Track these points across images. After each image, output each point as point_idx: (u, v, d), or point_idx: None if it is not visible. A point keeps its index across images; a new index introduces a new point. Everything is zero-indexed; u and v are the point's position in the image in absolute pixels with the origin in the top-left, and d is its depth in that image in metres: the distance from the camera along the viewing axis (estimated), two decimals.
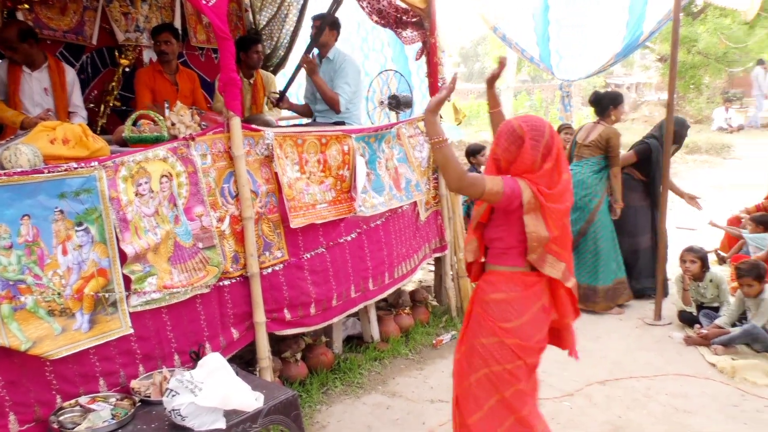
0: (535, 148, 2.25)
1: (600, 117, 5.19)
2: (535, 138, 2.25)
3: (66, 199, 2.53)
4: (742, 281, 4.34)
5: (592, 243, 5.10)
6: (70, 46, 4.90)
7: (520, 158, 2.27)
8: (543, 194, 2.24)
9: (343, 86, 4.54)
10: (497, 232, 2.37)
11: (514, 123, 2.30)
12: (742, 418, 3.45)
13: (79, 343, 2.55)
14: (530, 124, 2.28)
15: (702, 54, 17.30)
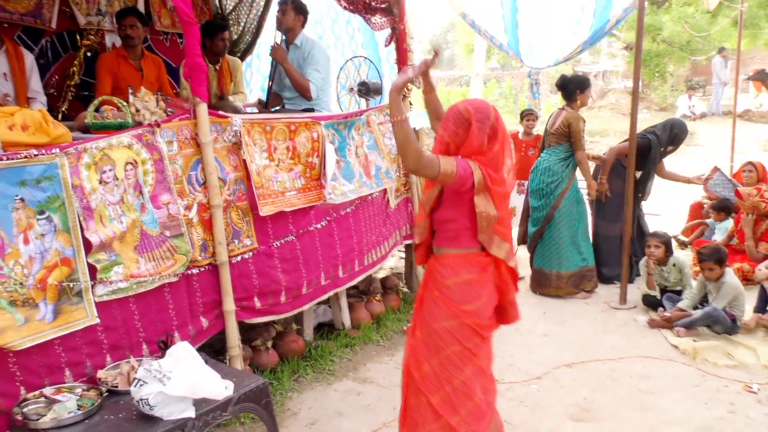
0: (481, 130, 2.31)
1: (567, 102, 5.23)
2: (481, 120, 2.31)
3: (27, 187, 2.46)
4: (704, 265, 4.46)
5: (556, 230, 5.17)
6: (28, 29, 4.74)
7: (468, 140, 2.33)
8: (490, 177, 2.32)
9: (313, 73, 4.47)
10: (449, 214, 2.42)
11: (461, 106, 2.36)
12: (703, 398, 3.56)
13: (43, 334, 2.49)
14: (475, 106, 2.35)
15: (666, 42, 17.62)
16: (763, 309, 4.51)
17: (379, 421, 3.34)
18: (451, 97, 19.83)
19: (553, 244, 5.19)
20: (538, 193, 5.25)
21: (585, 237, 5.27)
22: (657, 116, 16.58)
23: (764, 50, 18.66)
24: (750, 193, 5.39)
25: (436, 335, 2.41)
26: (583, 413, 3.41)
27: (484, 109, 2.35)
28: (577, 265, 5.19)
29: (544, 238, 5.22)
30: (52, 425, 2.25)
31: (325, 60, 4.60)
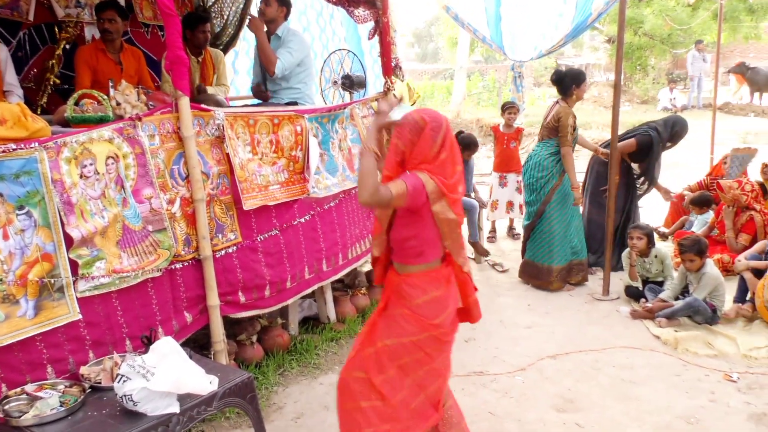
0: (433, 138, 2.35)
1: (562, 96, 5.16)
2: (434, 128, 2.36)
3: (5, 182, 2.42)
4: (685, 257, 4.51)
5: (548, 224, 5.16)
6: (5, 22, 4.66)
7: (419, 146, 2.36)
8: (443, 184, 2.35)
9: (285, 54, 4.38)
10: (408, 232, 2.43)
11: (416, 115, 2.40)
12: (684, 387, 3.61)
13: (24, 330, 2.47)
14: (430, 115, 2.40)
15: (648, 35, 17.75)
16: (743, 299, 4.59)
17: None
18: (435, 90, 19.83)
19: (545, 238, 5.19)
20: (530, 188, 5.27)
21: (578, 231, 5.27)
22: (639, 109, 16.74)
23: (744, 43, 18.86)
24: (731, 186, 5.46)
25: (402, 348, 2.44)
26: (567, 404, 3.45)
27: (438, 118, 2.40)
28: (567, 259, 5.21)
29: (535, 232, 5.24)
30: (35, 422, 2.23)
31: (303, 48, 4.51)
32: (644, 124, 5.77)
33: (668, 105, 16.36)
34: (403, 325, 2.44)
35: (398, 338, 2.44)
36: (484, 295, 5.16)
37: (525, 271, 5.42)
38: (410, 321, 2.43)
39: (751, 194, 5.40)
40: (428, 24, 32.62)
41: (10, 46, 4.64)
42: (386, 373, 2.44)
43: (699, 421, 3.25)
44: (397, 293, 2.50)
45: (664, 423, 3.24)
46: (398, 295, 2.49)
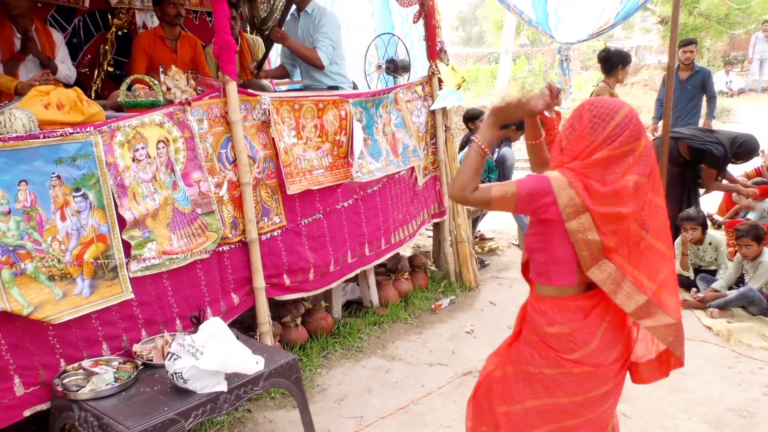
0: (593, 128, 1.83)
1: (606, 75, 5.11)
2: (597, 116, 1.83)
3: (63, 165, 2.51)
4: (741, 242, 4.35)
5: None
6: (62, 10, 4.80)
7: (575, 137, 1.88)
8: (591, 191, 1.80)
9: (323, 40, 4.30)
10: (536, 242, 1.96)
11: (585, 101, 1.95)
12: (737, 380, 3.50)
13: (81, 308, 2.56)
14: (600, 101, 1.88)
15: (703, 16, 17.05)
16: None
17: (407, 398, 3.37)
18: (479, 74, 19.59)
19: None
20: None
21: None
22: None
23: None
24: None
25: (534, 379, 1.99)
26: None
27: (606, 107, 1.84)
28: None
29: None
30: (91, 396, 2.32)
31: (336, 27, 4.43)
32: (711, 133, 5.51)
33: (724, 89, 15.71)
34: (531, 353, 2.00)
35: (527, 366, 2.00)
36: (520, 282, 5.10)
37: None
38: (539, 351, 1.97)
39: None
40: (473, 7, 32.15)
41: (65, 32, 4.79)
42: (510, 405, 2.04)
43: (752, 415, 3.16)
44: (527, 315, 2.07)
45: (714, 415, 3.16)
46: (528, 317, 2.06)
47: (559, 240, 1.86)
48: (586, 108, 1.87)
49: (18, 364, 2.45)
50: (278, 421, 3.16)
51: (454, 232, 5.02)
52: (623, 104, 1.86)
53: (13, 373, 2.44)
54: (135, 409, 2.25)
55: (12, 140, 2.38)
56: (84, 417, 2.29)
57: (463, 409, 3.22)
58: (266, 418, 3.18)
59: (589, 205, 1.80)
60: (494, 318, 4.40)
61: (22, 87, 3.60)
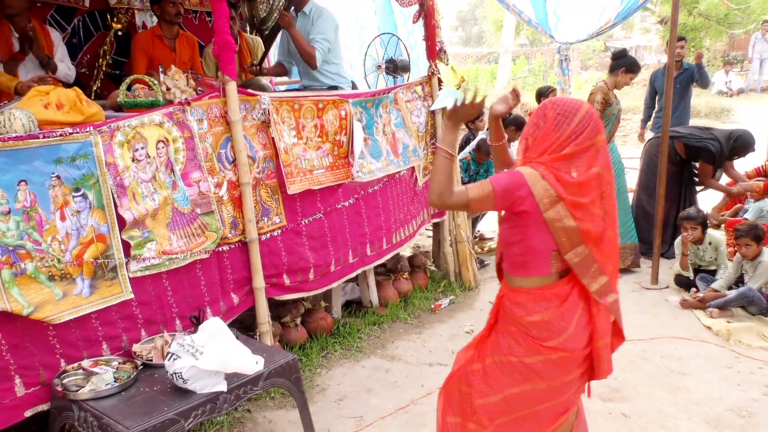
0: (558, 126, 1.96)
1: (609, 73, 5.13)
2: (561, 114, 1.96)
3: (62, 165, 2.51)
4: (741, 241, 4.35)
5: None
6: (61, 9, 4.80)
7: (541, 134, 1.99)
8: (562, 181, 1.92)
9: (321, 41, 4.31)
10: (512, 235, 2.04)
11: (546, 101, 2.07)
12: (736, 379, 3.50)
13: (81, 308, 2.56)
14: (563, 101, 2.02)
15: (703, 16, 17.07)
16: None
17: (407, 398, 3.37)
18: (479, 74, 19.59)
19: None
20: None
21: (622, 212, 5.17)
22: None
23: None
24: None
25: (513, 368, 2.06)
26: (613, 393, 3.39)
27: (569, 106, 1.98)
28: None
29: None
30: (91, 396, 2.32)
31: (333, 27, 4.44)
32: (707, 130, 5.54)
33: (723, 88, 15.73)
34: (510, 343, 2.07)
35: (506, 356, 2.07)
36: None
37: None
38: (518, 341, 2.05)
39: None
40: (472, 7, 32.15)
41: (65, 32, 4.79)
42: (489, 396, 2.10)
43: (751, 415, 3.16)
44: (503, 308, 2.14)
45: (714, 415, 3.16)
46: (504, 310, 2.13)
47: (537, 230, 1.97)
48: (549, 107, 2.00)
49: (18, 364, 2.45)
50: (278, 421, 3.16)
51: (453, 232, 5.02)
52: (583, 103, 2.01)
53: (14, 374, 2.44)
54: (135, 409, 2.25)
55: (12, 140, 2.37)
56: (84, 417, 2.29)
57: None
58: (266, 418, 3.18)
59: (562, 194, 1.92)
60: None
61: (22, 87, 3.60)
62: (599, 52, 21.66)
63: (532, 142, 2.02)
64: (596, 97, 4.98)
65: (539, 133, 1.99)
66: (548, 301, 2.02)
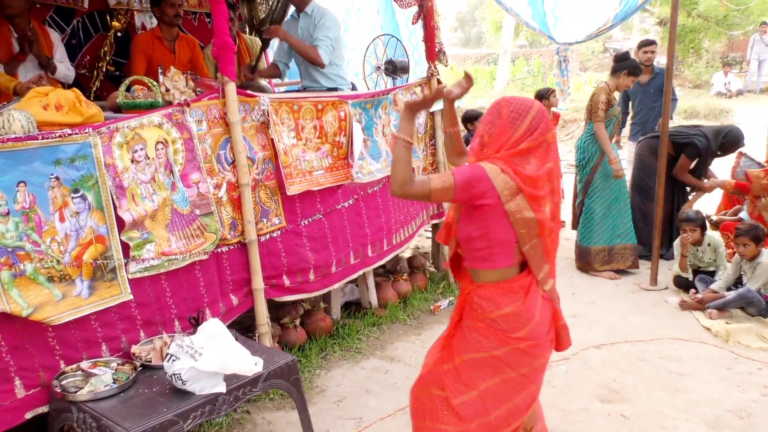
0: (513, 123, 2.05)
1: (611, 75, 5.16)
2: (515, 112, 2.06)
3: (61, 166, 2.51)
4: (740, 241, 4.35)
5: (588, 204, 5.21)
6: (60, 10, 4.80)
7: (497, 131, 2.07)
8: (520, 175, 2.01)
9: (324, 39, 4.28)
10: (474, 229, 2.09)
11: (500, 99, 2.15)
12: (735, 381, 3.50)
13: (80, 309, 2.56)
14: (515, 99, 2.12)
15: (702, 17, 17.08)
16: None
17: (406, 399, 3.33)
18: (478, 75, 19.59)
19: (586, 218, 5.25)
20: (578, 169, 5.37)
21: (623, 214, 5.20)
22: (691, 94, 16.18)
23: None
24: (758, 176, 5.15)
25: (484, 363, 2.14)
26: (612, 394, 3.39)
27: (522, 104, 2.08)
28: (607, 242, 5.16)
29: (583, 213, 5.29)
30: (89, 398, 2.32)
31: (336, 27, 4.43)
32: (696, 127, 5.56)
33: (722, 90, 15.74)
34: (478, 338, 2.14)
35: (476, 352, 2.14)
36: None
37: (576, 255, 5.44)
38: (487, 335, 2.12)
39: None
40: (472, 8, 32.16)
41: (64, 33, 4.79)
42: (465, 394, 2.14)
43: (750, 416, 3.16)
44: (469, 304, 2.19)
45: (714, 416, 3.16)
46: (470, 306, 2.18)
47: (499, 222, 2.04)
48: (504, 105, 2.08)
49: (18, 365, 2.44)
50: (277, 423, 3.15)
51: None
52: (534, 101, 2.11)
53: (14, 375, 2.44)
54: (133, 410, 2.25)
55: (10, 141, 2.37)
56: (83, 418, 2.29)
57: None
58: (265, 420, 3.18)
59: (521, 186, 2.01)
60: None
61: (21, 88, 3.59)
62: (598, 54, 21.67)
63: (488, 139, 2.09)
64: (600, 98, 5.01)
65: (495, 130, 2.07)
66: (515, 293, 2.10)
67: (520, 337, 2.09)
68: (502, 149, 2.05)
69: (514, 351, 2.11)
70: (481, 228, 2.07)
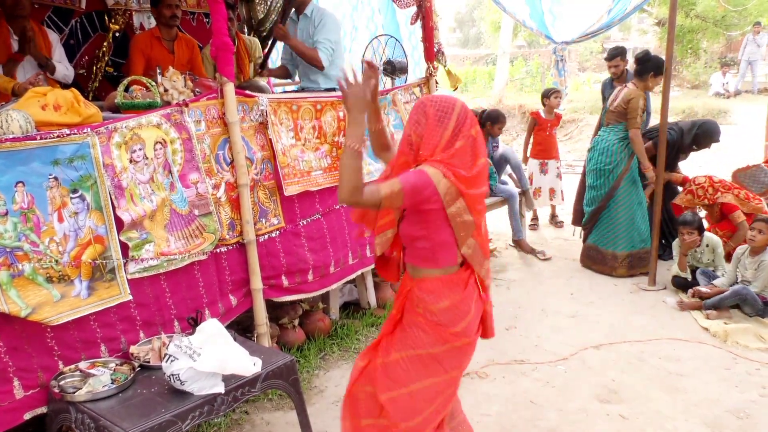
0: (440, 122, 2.05)
1: (637, 78, 5.06)
2: (440, 110, 2.05)
3: (60, 166, 2.50)
4: (756, 226, 4.32)
5: (615, 209, 5.13)
6: (59, 11, 4.80)
7: (427, 132, 2.06)
8: (460, 178, 2.03)
9: (323, 41, 4.29)
10: (417, 231, 2.12)
11: (422, 98, 2.14)
12: (734, 381, 3.51)
13: (79, 310, 2.56)
14: (437, 97, 2.12)
15: (700, 17, 17.10)
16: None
17: None
18: (477, 76, 19.60)
19: (612, 224, 5.16)
20: (597, 173, 5.21)
21: (644, 218, 5.17)
22: (689, 94, 16.19)
23: None
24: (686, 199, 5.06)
25: (419, 361, 2.16)
26: (610, 394, 3.39)
27: (446, 101, 2.09)
28: (634, 247, 5.13)
29: (602, 218, 5.21)
30: (88, 398, 2.32)
31: (336, 28, 4.44)
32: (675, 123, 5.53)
33: (720, 90, 15.75)
34: (418, 334, 2.16)
35: (413, 349, 2.16)
36: (526, 283, 5.12)
37: (588, 256, 5.38)
38: (427, 330, 2.15)
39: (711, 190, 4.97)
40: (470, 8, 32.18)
41: (62, 34, 4.78)
42: (394, 390, 2.17)
43: (749, 416, 3.16)
44: (410, 300, 2.21)
45: (713, 416, 3.16)
46: (411, 301, 2.20)
47: (442, 225, 2.08)
48: (428, 104, 2.08)
49: (17, 366, 2.44)
50: (276, 423, 3.15)
51: None
52: (456, 98, 2.13)
53: (13, 376, 2.43)
54: (132, 410, 2.25)
55: (9, 141, 2.37)
56: (81, 419, 2.28)
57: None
58: (263, 420, 3.18)
59: (462, 190, 2.03)
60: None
61: (19, 88, 3.59)
62: (596, 54, 21.69)
63: (418, 139, 2.08)
64: (638, 103, 4.90)
65: (424, 130, 2.07)
66: (456, 285, 2.16)
67: (457, 332, 2.13)
68: (437, 150, 2.05)
69: (451, 350, 2.16)
70: (425, 230, 2.10)
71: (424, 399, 2.17)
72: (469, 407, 3.26)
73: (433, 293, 2.14)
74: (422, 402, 2.17)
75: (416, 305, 2.17)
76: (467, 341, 2.18)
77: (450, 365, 2.18)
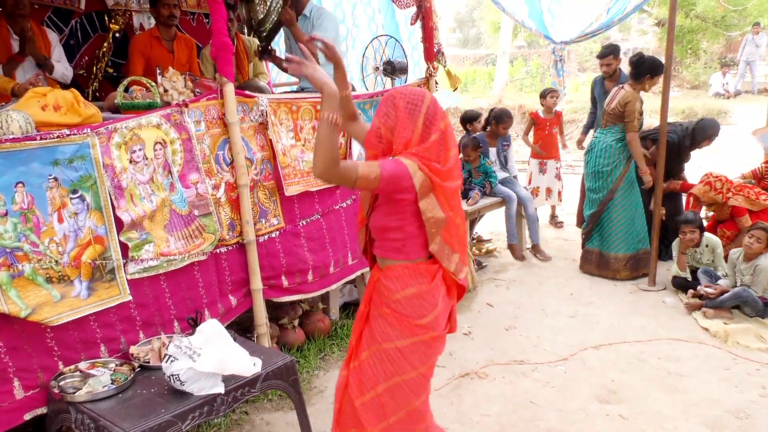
0: (411, 115, 2.04)
1: (633, 81, 5.03)
2: (413, 102, 2.05)
3: (60, 167, 2.50)
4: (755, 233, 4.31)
5: (615, 211, 5.11)
6: (58, 11, 4.80)
7: (398, 125, 2.05)
8: (434, 171, 2.02)
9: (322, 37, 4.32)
10: (390, 222, 2.11)
11: (391, 91, 2.14)
12: (734, 381, 3.51)
13: (79, 310, 2.56)
14: (407, 90, 2.10)
15: (700, 18, 17.10)
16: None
17: None
18: (477, 76, 19.60)
19: (613, 226, 5.14)
20: (595, 176, 5.19)
21: (643, 219, 5.17)
22: (689, 94, 16.19)
23: None
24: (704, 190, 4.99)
25: (386, 357, 2.13)
26: (610, 394, 3.40)
27: (415, 93, 2.08)
28: (634, 248, 5.12)
29: (602, 220, 5.18)
30: (87, 398, 2.32)
31: (334, 27, 4.43)
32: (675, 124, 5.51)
33: (720, 90, 15.76)
34: (384, 327, 2.14)
35: (379, 344, 2.14)
36: (526, 284, 5.12)
37: (589, 260, 5.32)
38: (391, 321, 2.12)
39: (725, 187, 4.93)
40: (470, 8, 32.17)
41: (62, 34, 4.78)
42: (365, 394, 2.15)
43: (749, 416, 3.16)
44: (376, 290, 2.19)
45: (713, 417, 3.16)
46: (377, 291, 2.18)
47: (415, 217, 2.07)
48: (398, 97, 2.07)
49: (17, 366, 2.44)
50: (275, 423, 3.15)
51: None
52: (425, 91, 2.14)
53: (13, 376, 2.43)
54: (132, 411, 2.25)
55: (8, 142, 2.37)
56: (81, 419, 2.28)
57: (461, 410, 3.23)
58: (263, 420, 3.18)
59: (437, 182, 2.03)
60: (491, 319, 4.40)
61: (19, 89, 3.59)
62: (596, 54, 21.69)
63: (388, 132, 2.08)
64: (635, 106, 4.89)
65: (395, 123, 2.06)
66: (422, 275, 2.13)
67: (423, 325, 2.11)
68: (412, 143, 2.04)
69: (418, 344, 2.13)
70: (399, 220, 2.09)
71: (393, 399, 2.14)
72: (469, 407, 3.27)
73: (399, 280, 2.12)
74: (390, 403, 2.14)
75: (382, 294, 2.16)
76: (434, 335, 2.15)
77: (417, 360, 2.14)
